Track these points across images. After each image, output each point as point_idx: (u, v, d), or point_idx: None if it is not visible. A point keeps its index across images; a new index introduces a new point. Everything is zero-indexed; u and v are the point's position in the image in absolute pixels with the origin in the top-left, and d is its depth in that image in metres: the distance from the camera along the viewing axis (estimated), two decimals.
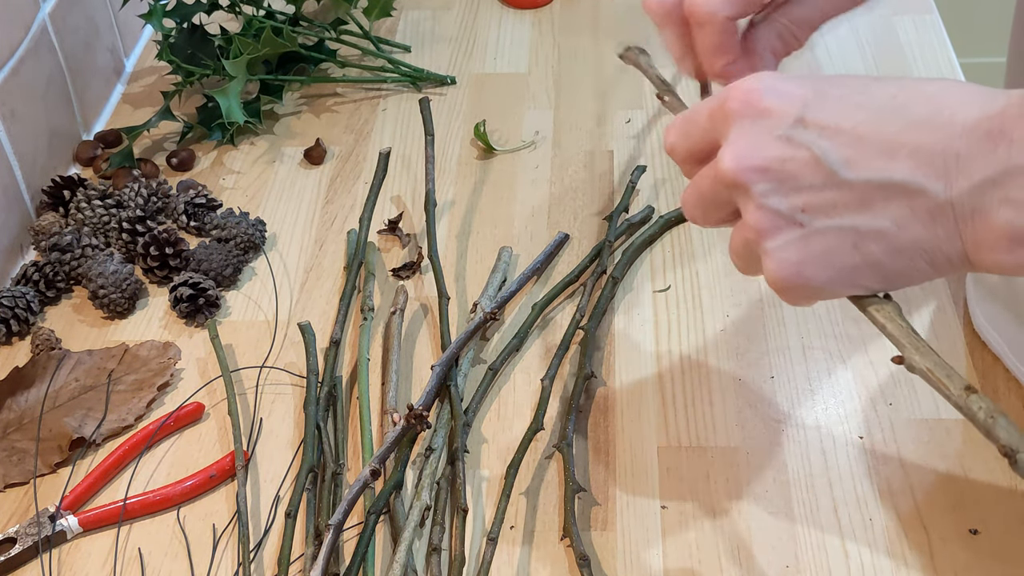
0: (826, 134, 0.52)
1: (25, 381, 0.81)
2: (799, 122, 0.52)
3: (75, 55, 1.04)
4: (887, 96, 0.52)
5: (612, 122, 1.05)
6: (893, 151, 0.51)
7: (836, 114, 0.52)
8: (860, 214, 0.52)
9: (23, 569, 0.72)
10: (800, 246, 0.53)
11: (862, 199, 0.51)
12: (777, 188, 0.52)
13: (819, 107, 0.52)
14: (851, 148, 0.51)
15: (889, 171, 0.51)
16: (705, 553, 0.70)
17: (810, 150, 0.52)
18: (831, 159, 0.51)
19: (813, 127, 0.52)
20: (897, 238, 0.52)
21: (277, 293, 0.90)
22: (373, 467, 0.68)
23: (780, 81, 0.53)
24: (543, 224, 0.95)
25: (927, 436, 0.76)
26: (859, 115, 0.51)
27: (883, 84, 0.52)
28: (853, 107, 0.52)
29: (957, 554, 0.69)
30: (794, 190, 0.52)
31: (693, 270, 0.89)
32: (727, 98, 0.54)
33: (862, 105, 0.52)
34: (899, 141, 0.51)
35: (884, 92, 0.52)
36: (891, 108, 0.51)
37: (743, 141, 0.53)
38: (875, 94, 0.52)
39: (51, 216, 0.94)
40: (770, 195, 0.53)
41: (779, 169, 0.52)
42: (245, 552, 0.70)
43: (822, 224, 0.52)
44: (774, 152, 0.52)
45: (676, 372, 0.82)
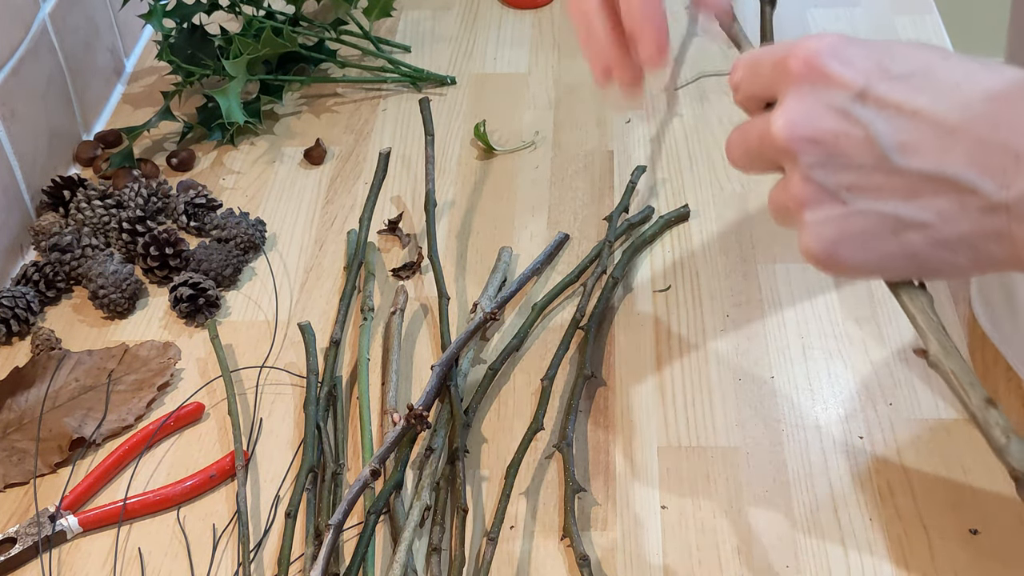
0: (885, 114, 0.50)
1: (25, 381, 0.81)
2: (860, 96, 0.50)
3: (75, 55, 1.04)
4: (951, 84, 0.50)
5: (612, 122, 1.05)
6: (950, 140, 0.49)
7: (899, 93, 0.50)
8: (906, 202, 0.50)
9: (23, 569, 0.72)
10: (838, 224, 0.52)
11: (910, 187, 0.50)
12: (825, 162, 0.51)
13: (882, 82, 0.50)
14: (908, 133, 0.50)
15: (943, 164, 0.49)
16: (705, 553, 0.70)
17: (866, 129, 0.50)
18: (886, 142, 0.50)
19: (873, 103, 0.50)
20: (940, 231, 0.50)
21: (277, 293, 0.90)
22: (373, 467, 0.68)
23: (846, 45, 0.51)
24: (543, 224, 0.95)
25: (927, 436, 0.76)
26: (921, 99, 0.49)
27: (949, 68, 0.50)
28: (916, 89, 0.50)
29: (957, 554, 0.69)
30: (842, 167, 0.51)
31: (693, 270, 0.89)
32: (789, 55, 0.52)
33: (925, 89, 0.50)
34: (957, 131, 0.49)
35: (949, 78, 0.50)
36: (954, 98, 0.49)
37: (799, 107, 0.51)
38: (940, 79, 0.50)
39: (51, 216, 0.94)
40: (816, 168, 0.51)
41: (831, 143, 0.51)
42: (245, 552, 0.70)
43: (864, 205, 0.51)
44: (829, 125, 0.51)
45: (676, 372, 0.82)
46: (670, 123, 1.04)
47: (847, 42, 0.51)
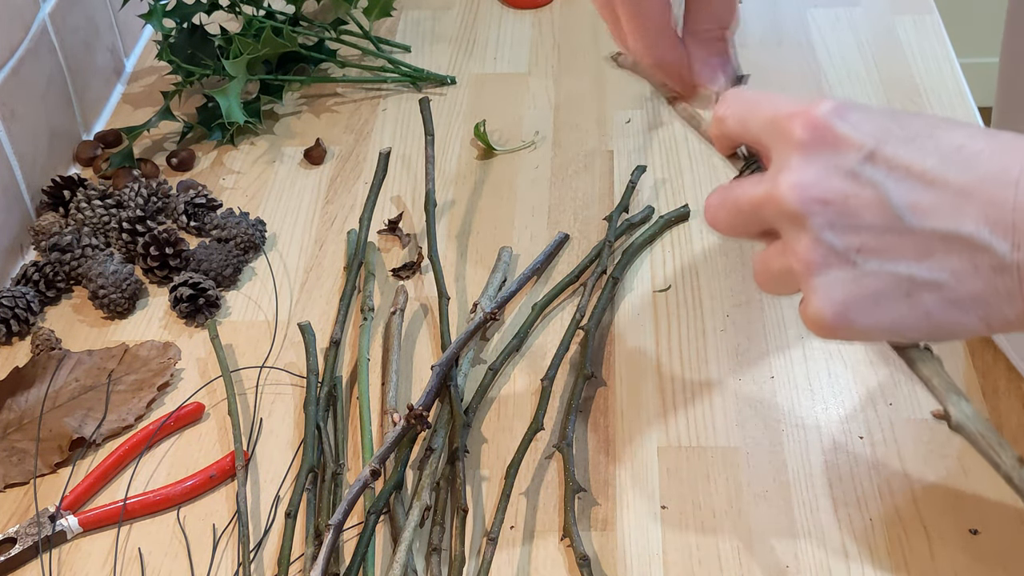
0: (895, 175, 0.50)
1: (25, 381, 0.81)
2: (869, 158, 0.50)
3: (75, 55, 1.04)
4: (954, 145, 0.50)
5: (612, 122, 1.05)
6: (962, 203, 0.49)
7: (907, 155, 0.50)
8: (918, 263, 0.50)
9: (23, 569, 0.72)
10: (849, 286, 0.51)
11: (923, 248, 0.50)
12: (835, 223, 0.51)
13: (889, 144, 0.50)
14: (919, 193, 0.49)
15: (956, 223, 0.49)
16: (705, 553, 0.70)
17: (876, 190, 0.50)
18: (897, 202, 0.49)
19: (883, 165, 0.50)
20: (954, 291, 0.50)
21: (277, 293, 0.90)
22: (373, 467, 0.68)
23: (849, 109, 0.51)
24: (543, 224, 0.95)
25: (927, 436, 0.76)
26: (930, 160, 0.49)
27: (949, 131, 0.50)
28: (923, 150, 0.50)
29: (957, 554, 0.69)
30: (853, 228, 0.50)
31: (693, 270, 0.89)
32: (792, 117, 0.52)
33: (932, 151, 0.50)
34: (968, 191, 0.49)
35: (951, 140, 0.50)
36: (960, 158, 0.49)
37: (808, 169, 0.51)
38: (942, 139, 0.50)
39: (51, 216, 0.94)
40: (827, 230, 0.51)
41: (842, 204, 0.50)
42: (245, 552, 0.70)
43: (876, 267, 0.51)
44: (839, 186, 0.50)
45: (676, 372, 0.82)
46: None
47: (850, 106, 0.51)
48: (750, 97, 0.56)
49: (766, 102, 0.55)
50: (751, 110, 0.55)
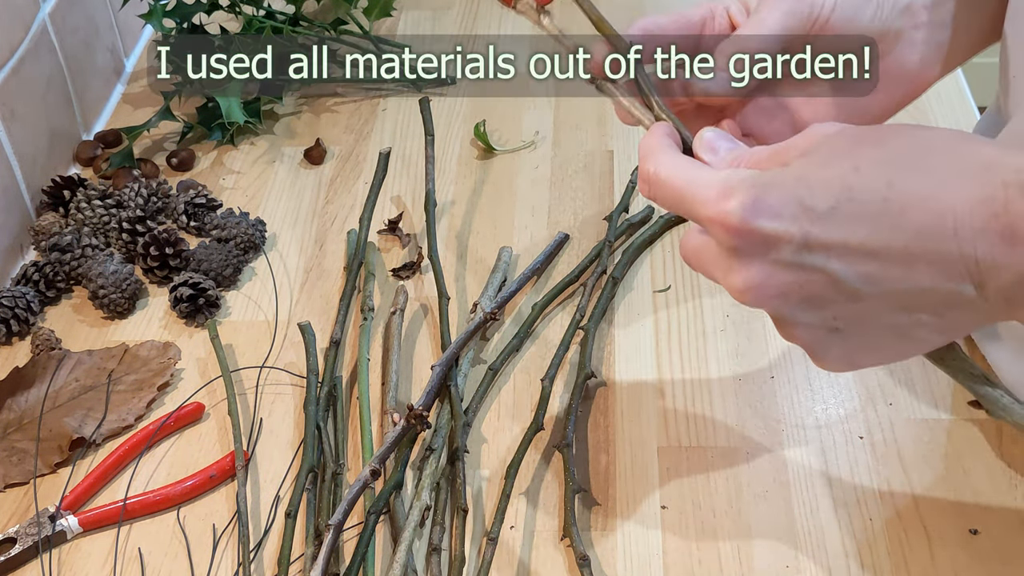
0: (835, 254, 0.49)
1: (25, 381, 0.81)
2: (804, 246, 0.49)
3: (75, 55, 1.04)
4: (879, 200, 0.48)
5: (612, 122, 1.05)
6: (910, 263, 0.49)
7: (838, 231, 0.49)
8: (896, 314, 0.50)
9: (23, 569, 0.72)
10: (845, 345, 0.52)
11: (895, 302, 0.50)
12: (802, 307, 0.51)
13: (815, 226, 0.49)
14: (866, 265, 0.49)
15: (913, 280, 0.49)
16: (705, 553, 0.70)
17: (825, 272, 0.50)
18: (849, 279, 0.49)
19: (819, 249, 0.49)
20: (940, 324, 0.51)
21: (277, 293, 0.90)
22: (373, 467, 0.68)
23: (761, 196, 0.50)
24: (543, 224, 0.95)
25: (927, 436, 0.76)
26: (861, 230, 0.49)
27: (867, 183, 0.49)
28: (851, 220, 0.49)
29: (957, 554, 0.69)
30: (821, 306, 0.51)
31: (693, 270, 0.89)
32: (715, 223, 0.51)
33: (859, 216, 0.49)
34: (912, 253, 0.48)
35: (873, 197, 0.49)
36: (889, 217, 0.48)
37: (752, 271, 0.51)
38: (864, 201, 0.49)
39: (51, 216, 0.94)
40: (798, 314, 0.51)
41: (799, 293, 0.51)
42: (245, 552, 0.70)
43: (857, 328, 0.51)
44: (788, 278, 0.50)
45: (676, 372, 0.82)
46: None
47: (759, 190, 0.50)
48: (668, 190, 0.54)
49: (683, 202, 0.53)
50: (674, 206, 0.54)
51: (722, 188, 0.51)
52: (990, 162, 0.48)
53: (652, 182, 0.55)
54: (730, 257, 0.51)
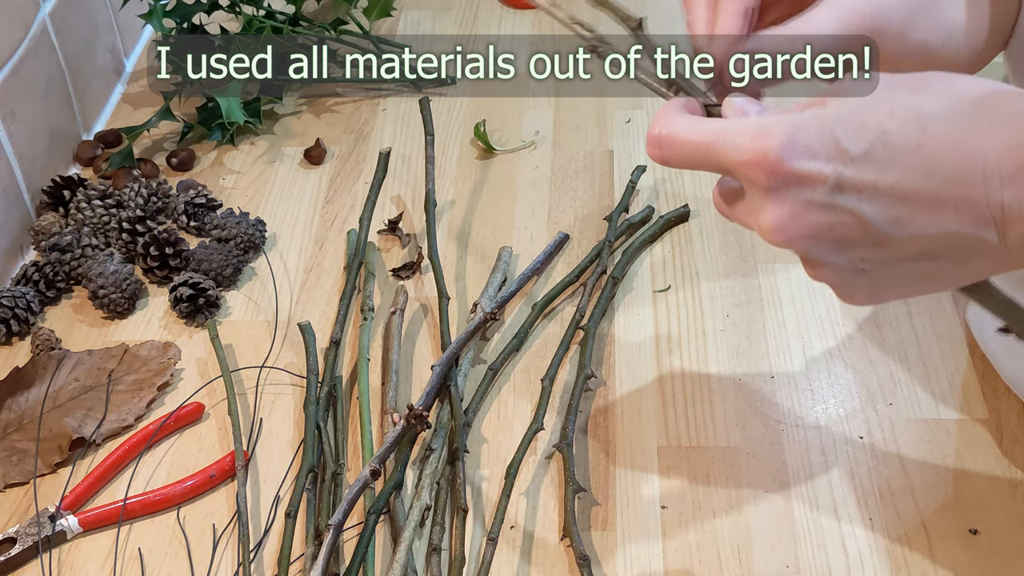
0: (866, 196, 0.50)
1: (25, 381, 0.81)
2: (836, 188, 0.50)
3: (75, 55, 1.04)
4: (912, 147, 0.49)
5: (612, 122, 1.05)
6: (938, 206, 0.49)
7: (871, 173, 0.50)
8: (920, 259, 0.51)
9: (23, 569, 0.72)
10: (870, 285, 0.53)
11: (920, 246, 0.51)
12: (831, 248, 0.52)
13: (849, 168, 0.50)
14: (895, 208, 0.50)
15: (939, 224, 0.50)
16: (705, 553, 0.70)
17: (855, 214, 0.50)
18: (878, 221, 0.50)
19: (851, 191, 0.50)
20: (962, 271, 0.52)
21: (277, 293, 0.90)
22: (373, 467, 0.68)
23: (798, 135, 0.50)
24: (543, 224, 0.95)
25: (927, 436, 0.76)
26: (893, 173, 0.49)
27: (901, 127, 0.50)
28: (884, 163, 0.50)
29: (957, 554, 0.69)
30: (849, 247, 0.51)
31: (693, 270, 0.89)
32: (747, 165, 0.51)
33: (891, 160, 0.50)
34: (941, 198, 0.49)
35: (907, 142, 0.50)
36: (921, 162, 0.49)
37: (783, 211, 0.51)
38: (898, 145, 0.50)
39: (51, 216, 0.94)
40: (826, 255, 0.52)
41: (828, 234, 0.51)
42: (245, 552, 0.70)
43: (885, 268, 0.52)
44: (819, 219, 0.51)
45: (676, 372, 0.82)
46: None
47: (796, 131, 0.50)
48: (688, 146, 0.54)
49: (709, 153, 0.53)
50: (696, 160, 0.54)
51: (756, 130, 0.51)
52: (1021, 111, 0.49)
53: (666, 142, 0.55)
54: (763, 197, 0.52)
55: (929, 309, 0.84)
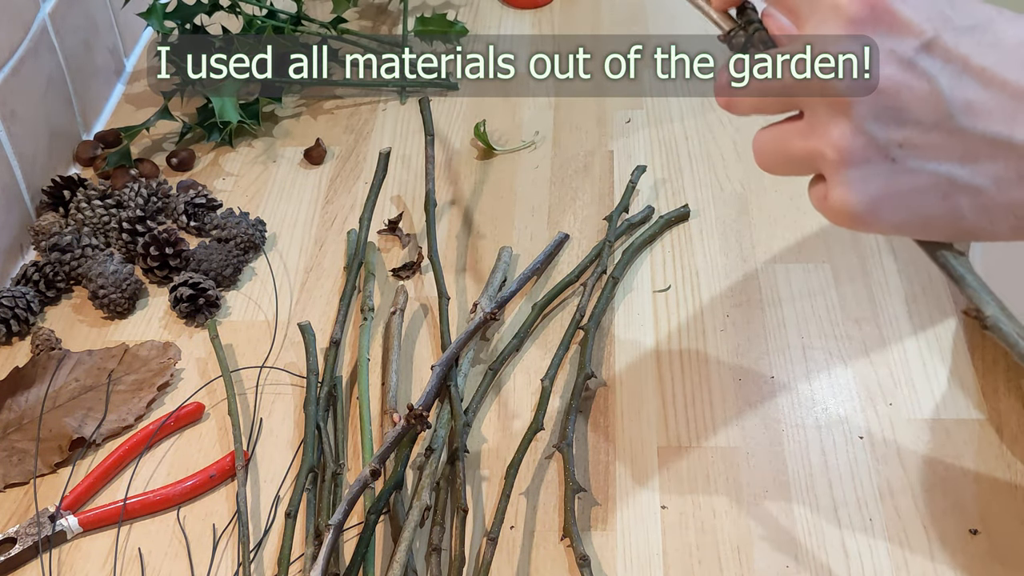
0: (951, 68, 0.46)
1: (25, 381, 0.81)
2: (927, 46, 0.46)
3: (75, 55, 1.04)
4: (1016, 41, 0.46)
5: (612, 122, 1.05)
6: (1017, 108, 0.46)
7: (967, 47, 0.46)
8: (962, 165, 0.48)
9: (23, 569, 0.72)
10: (885, 181, 0.48)
11: (970, 150, 0.47)
12: (882, 114, 0.47)
13: (948, 32, 0.46)
14: (975, 92, 0.46)
15: (1009, 129, 0.46)
16: (705, 553, 0.70)
17: (932, 83, 0.47)
18: (951, 99, 0.47)
19: (940, 55, 0.46)
20: (992, 198, 0.48)
21: (277, 293, 0.90)
22: (373, 467, 0.68)
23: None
24: (543, 224, 0.95)
25: (927, 436, 0.76)
26: (991, 56, 0.46)
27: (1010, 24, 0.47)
28: (983, 44, 0.46)
29: (957, 554, 0.69)
30: (899, 121, 0.47)
31: (693, 270, 0.89)
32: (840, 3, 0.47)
33: (993, 44, 0.46)
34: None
35: (1014, 36, 0.47)
36: (1021, 58, 0.46)
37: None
38: (1004, 36, 0.47)
39: (51, 216, 0.94)
40: (871, 120, 0.48)
41: (892, 94, 0.47)
42: (245, 552, 0.70)
43: (916, 164, 0.48)
44: (891, 73, 0.47)
45: (676, 372, 0.82)
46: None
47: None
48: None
49: None
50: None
51: None
52: None
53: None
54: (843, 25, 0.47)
55: (929, 309, 0.84)
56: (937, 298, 0.85)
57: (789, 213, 0.93)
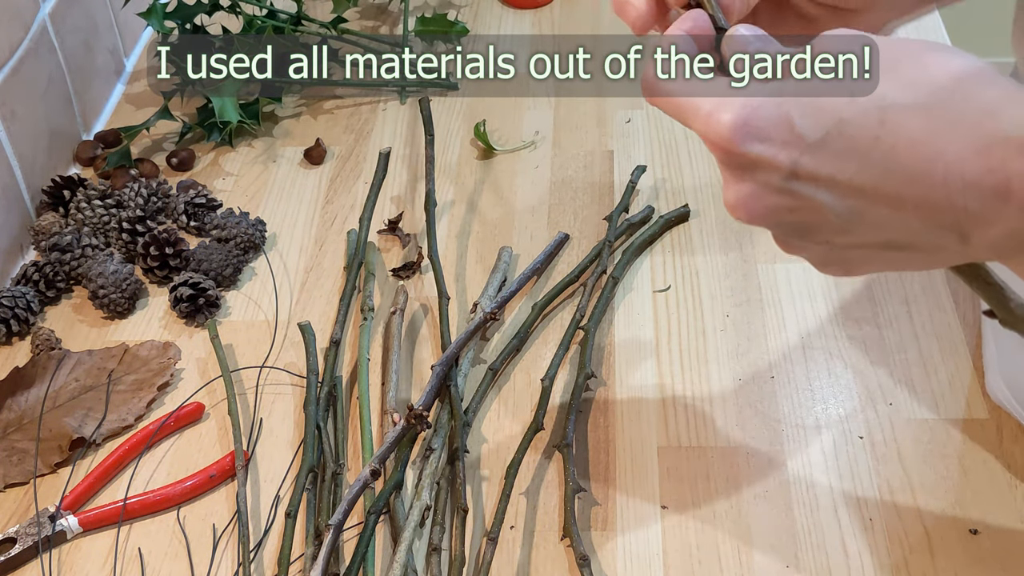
0: (823, 187, 0.49)
1: (25, 381, 0.81)
2: (792, 176, 0.49)
3: (75, 55, 1.04)
4: (870, 139, 0.48)
5: (612, 122, 1.05)
6: (898, 204, 0.48)
7: (827, 164, 0.48)
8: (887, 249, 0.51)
9: (23, 569, 0.72)
10: (841, 263, 0.53)
11: (883, 238, 0.50)
12: (795, 230, 0.51)
13: (804, 156, 0.48)
14: (854, 200, 0.49)
15: (900, 220, 0.49)
16: (705, 553, 0.70)
17: (812, 201, 0.49)
18: (838, 210, 0.49)
19: (808, 180, 0.49)
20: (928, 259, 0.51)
21: (277, 293, 0.90)
22: (373, 467, 0.68)
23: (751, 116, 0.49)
24: (543, 224, 0.95)
25: (927, 436, 0.76)
26: (850, 166, 0.48)
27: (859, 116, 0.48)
28: (840, 154, 0.48)
29: (957, 554, 0.69)
30: (813, 230, 0.51)
31: (693, 270, 0.89)
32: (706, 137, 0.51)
33: (848, 151, 0.48)
34: (901, 196, 0.48)
35: (865, 133, 0.48)
36: (879, 156, 0.47)
37: (742, 189, 0.51)
38: (855, 136, 0.48)
39: (51, 216, 0.94)
40: (791, 236, 0.52)
41: (789, 217, 0.51)
42: (245, 552, 0.70)
43: (856, 253, 0.52)
44: (778, 202, 0.50)
45: (676, 372, 0.82)
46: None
47: (750, 112, 0.49)
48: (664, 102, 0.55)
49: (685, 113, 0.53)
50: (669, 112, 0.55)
51: (713, 106, 0.50)
52: (992, 109, 0.46)
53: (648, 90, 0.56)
54: (724, 171, 0.51)
55: (929, 309, 0.84)
56: (937, 298, 0.85)
57: None
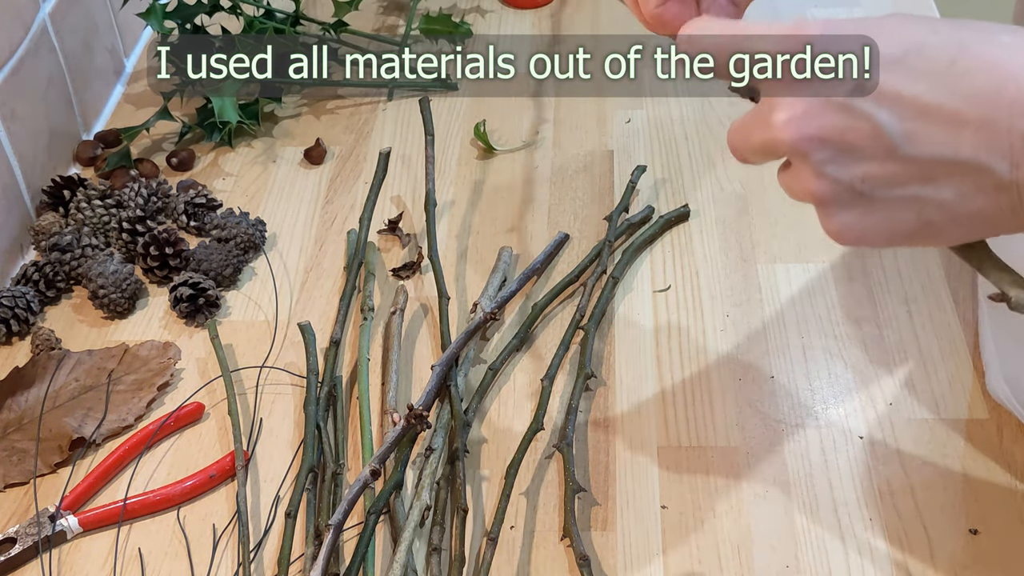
0: (886, 103, 0.49)
1: (25, 381, 0.81)
2: (859, 89, 0.49)
3: (75, 55, 1.04)
4: (946, 61, 0.48)
5: (612, 122, 1.05)
6: (957, 127, 0.48)
7: (897, 81, 0.49)
8: (923, 186, 0.50)
9: (23, 569, 0.72)
10: (861, 214, 0.52)
11: (925, 172, 0.50)
12: (836, 157, 0.51)
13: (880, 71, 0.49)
14: (913, 121, 0.49)
15: (954, 149, 0.49)
16: (705, 553, 0.70)
17: (870, 121, 0.49)
18: (893, 132, 0.49)
19: (873, 96, 0.49)
20: (960, 210, 0.50)
21: (277, 293, 0.90)
22: (373, 467, 0.68)
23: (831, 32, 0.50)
24: (543, 224, 0.95)
25: (927, 436, 0.76)
26: (920, 84, 0.48)
27: (939, 43, 0.49)
28: (914, 73, 0.49)
29: (957, 554, 0.69)
30: (854, 161, 0.50)
31: (693, 270, 0.89)
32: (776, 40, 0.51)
33: (922, 71, 0.49)
34: (963, 117, 0.48)
35: (943, 55, 0.48)
36: (952, 77, 0.48)
37: (799, 104, 0.51)
38: (933, 57, 0.49)
39: (51, 216, 0.94)
40: (828, 164, 0.51)
41: (838, 140, 0.50)
42: (245, 552, 0.70)
43: (883, 193, 0.51)
44: (832, 121, 0.50)
45: (676, 372, 0.82)
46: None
47: (832, 26, 0.50)
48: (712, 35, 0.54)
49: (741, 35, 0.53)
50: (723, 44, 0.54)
51: (797, 21, 0.51)
52: None
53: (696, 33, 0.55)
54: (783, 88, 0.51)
55: (929, 309, 0.84)
56: (937, 298, 0.85)
57: (789, 213, 0.93)
